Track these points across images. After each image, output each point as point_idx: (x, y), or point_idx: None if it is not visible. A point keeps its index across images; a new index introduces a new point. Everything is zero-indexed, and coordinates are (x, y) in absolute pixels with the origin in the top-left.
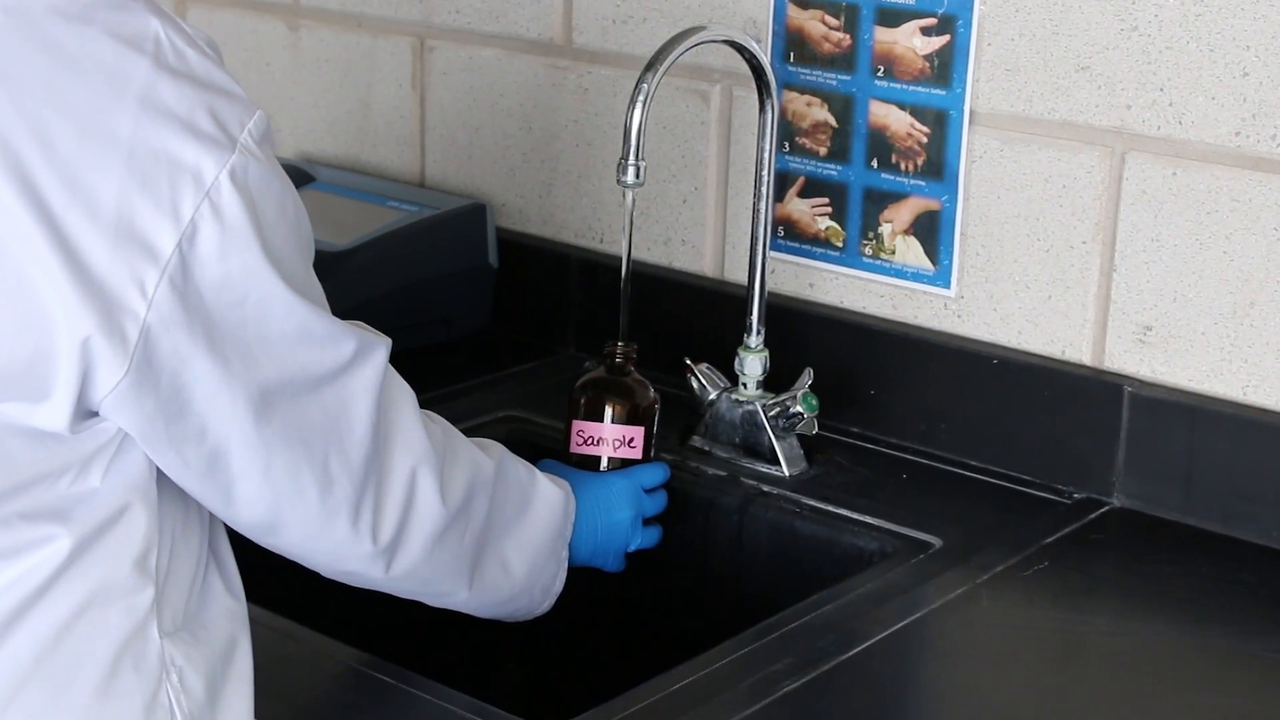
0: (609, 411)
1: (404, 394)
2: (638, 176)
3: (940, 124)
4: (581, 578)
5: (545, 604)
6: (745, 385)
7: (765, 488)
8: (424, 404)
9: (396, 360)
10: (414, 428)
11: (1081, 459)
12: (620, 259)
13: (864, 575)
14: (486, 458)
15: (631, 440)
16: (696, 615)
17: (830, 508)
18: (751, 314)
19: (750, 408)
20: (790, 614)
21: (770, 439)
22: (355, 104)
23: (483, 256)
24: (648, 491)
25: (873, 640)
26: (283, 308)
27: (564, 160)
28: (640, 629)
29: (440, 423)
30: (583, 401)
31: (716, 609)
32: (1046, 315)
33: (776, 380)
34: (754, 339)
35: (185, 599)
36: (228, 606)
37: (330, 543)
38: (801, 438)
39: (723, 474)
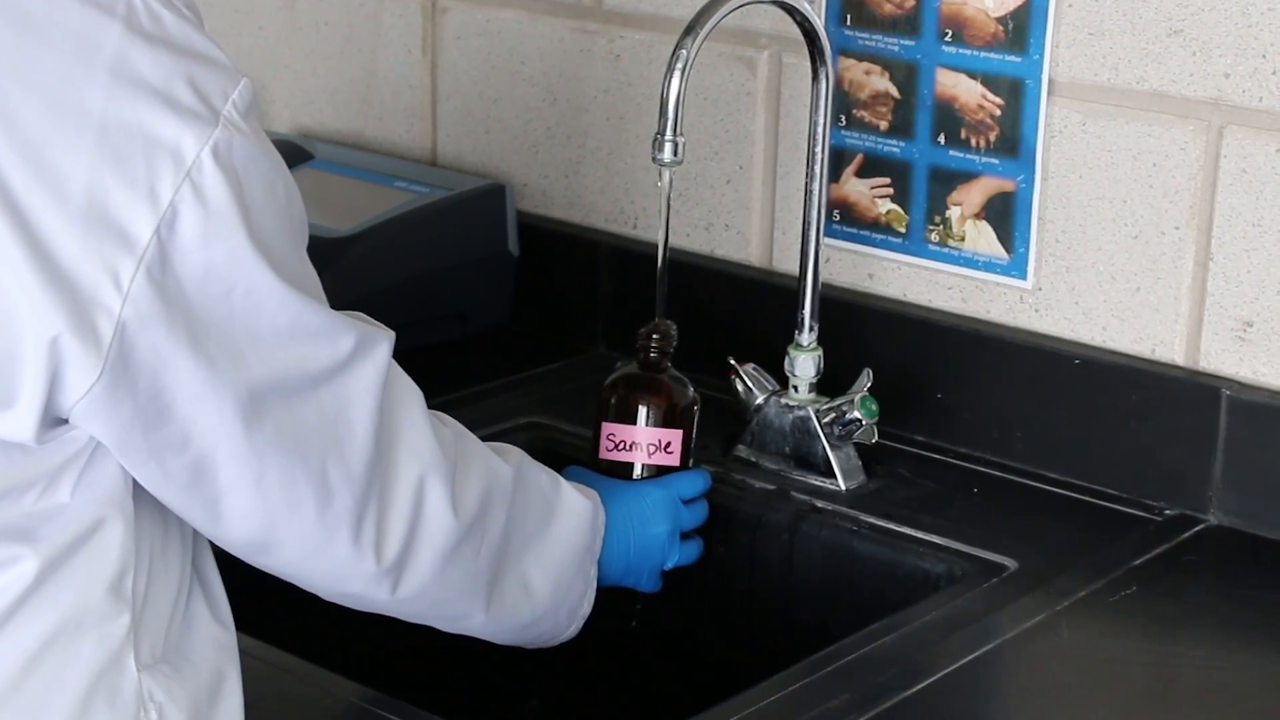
0: (643, 412)
1: (410, 393)
2: (675, 154)
3: (1015, 94)
4: (613, 601)
5: (572, 628)
6: (796, 388)
7: (819, 503)
8: (435, 408)
9: (404, 360)
10: (421, 431)
11: (1174, 471)
12: (656, 246)
13: (930, 601)
14: (504, 463)
15: (668, 445)
16: (741, 646)
17: (892, 525)
18: (803, 308)
19: (802, 414)
20: (847, 645)
21: (824, 448)
22: (358, 72)
23: (502, 244)
24: (686, 503)
25: (939, 675)
26: (274, 300)
27: (593, 136)
28: (678, 661)
29: (451, 425)
30: (613, 401)
31: (763, 639)
32: (1134, 310)
33: (831, 383)
34: (806, 336)
35: (166, 627)
36: (214, 635)
37: (329, 562)
38: (859, 447)
39: (771, 488)
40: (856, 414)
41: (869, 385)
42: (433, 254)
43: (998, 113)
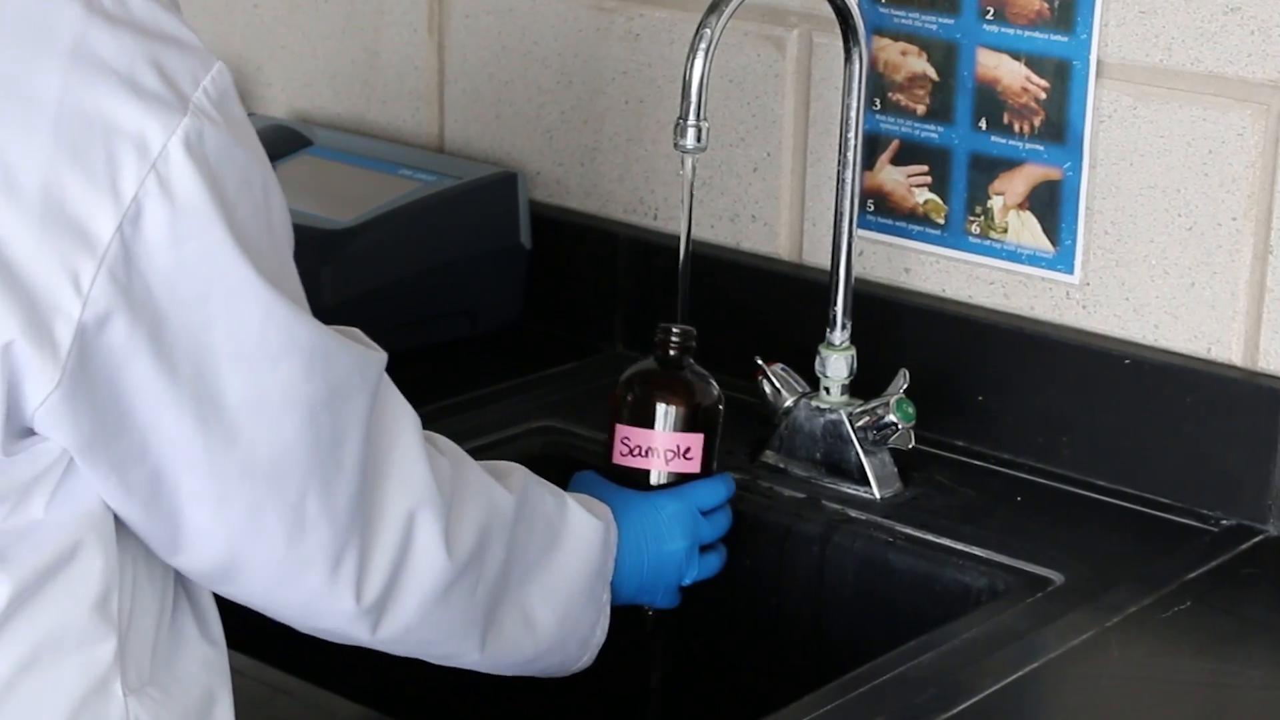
0: (661, 414)
1: (405, 419)
2: (699, 140)
3: (1061, 77)
4: (631, 619)
5: (584, 659)
6: (828, 390)
7: (852, 512)
8: (442, 413)
9: (408, 360)
10: (415, 461)
11: (1231, 478)
12: (678, 239)
13: (970, 617)
14: (505, 492)
15: (688, 451)
16: (769, 665)
17: (929, 536)
18: (835, 305)
19: (834, 417)
20: (882, 664)
21: (858, 454)
22: (360, 53)
23: (513, 236)
24: (706, 513)
25: (981, 696)
26: (259, 309)
27: (610, 121)
28: (702, 681)
29: (448, 451)
30: (629, 400)
31: (793, 657)
32: (1189, 306)
33: (865, 384)
34: (838, 335)
35: (152, 645)
36: (203, 654)
37: (301, 593)
38: (895, 453)
39: (801, 496)
40: (892, 418)
41: (905, 387)
42: (440, 247)
43: (1043, 96)
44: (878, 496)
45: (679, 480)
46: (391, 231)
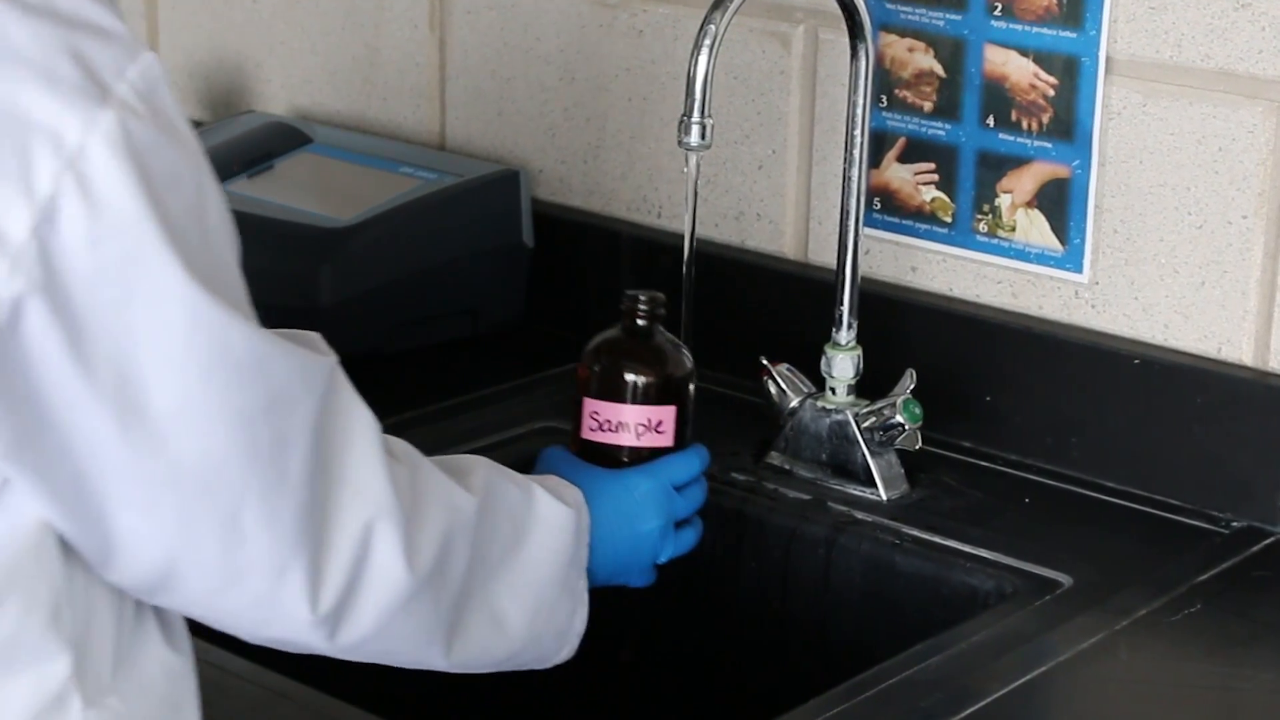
0: (630, 386)
1: (361, 427)
2: (703, 137)
3: (1070, 73)
4: (637, 622)
5: (564, 651)
6: (834, 390)
7: (858, 514)
8: (442, 414)
9: (411, 359)
10: (373, 471)
11: (1242, 480)
12: (682, 238)
13: (978, 620)
14: (466, 495)
15: (659, 424)
16: (774, 668)
17: (937, 539)
18: (841, 304)
19: (840, 418)
20: (889, 667)
21: (864, 455)
22: (361, 49)
23: (515, 234)
24: (680, 488)
25: (988, 700)
26: (185, 313)
27: (614, 118)
28: (707, 684)
29: (407, 458)
30: (596, 372)
31: (798, 660)
32: (1199, 305)
33: (872, 384)
34: (844, 334)
35: (112, 655)
36: (167, 662)
37: (242, 603)
38: (902, 454)
39: (806, 498)
40: (899, 418)
41: (912, 387)
42: (441, 245)
43: (1051, 93)
44: (884, 498)
45: (653, 455)
46: (392, 230)
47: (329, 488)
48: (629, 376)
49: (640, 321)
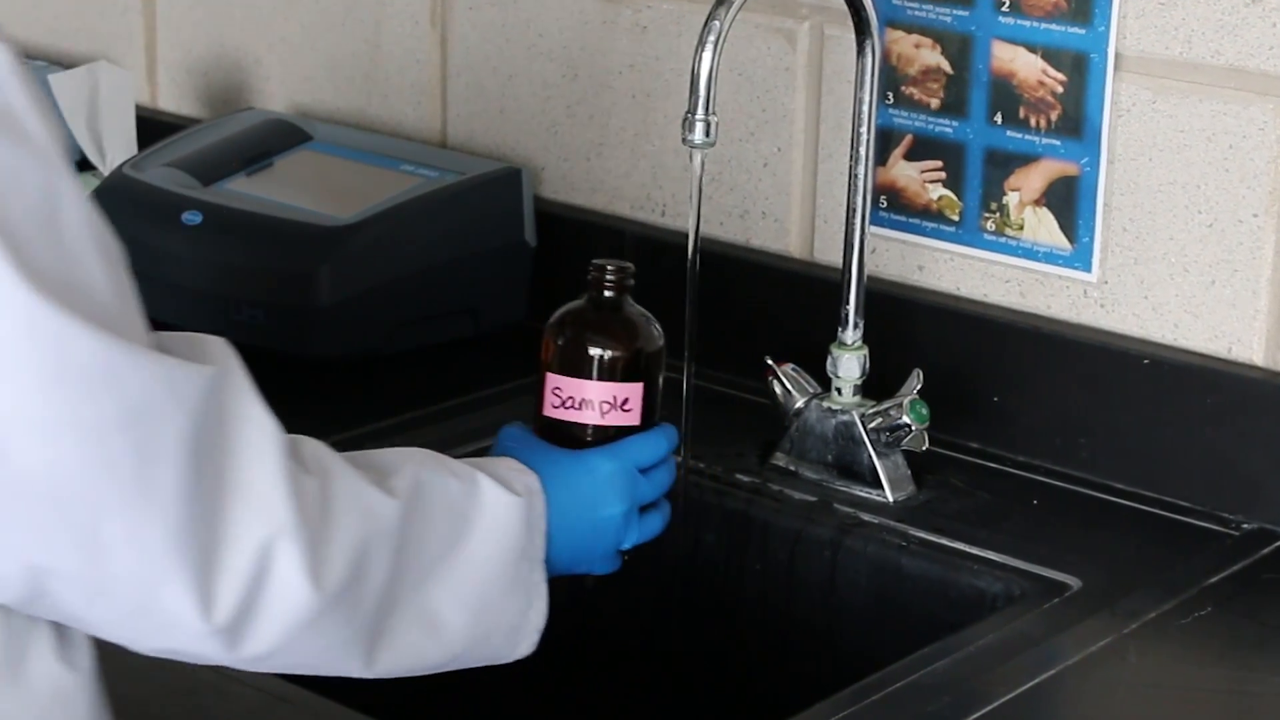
0: (595, 360)
1: (257, 437)
2: (708, 134)
3: (1079, 70)
4: (641, 625)
5: (521, 647)
6: (840, 391)
7: (864, 516)
8: (443, 415)
9: (411, 360)
10: (272, 485)
11: (1252, 481)
12: (686, 236)
13: (985, 624)
14: (387, 500)
15: (625, 402)
16: (779, 672)
17: (944, 541)
18: (847, 303)
19: (846, 418)
20: (895, 671)
21: (870, 456)
22: (361, 45)
23: (517, 233)
24: (645, 470)
25: (996, 703)
26: (20, 322)
27: (617, 115)
28: (712, 688)
29: (319, 467)
30: (560, 346)
31: (803, 664)
32: (1209, 305)
33: (878, 384)
34: (850, 334)
35: None
36: (55, 678)
37: (119, 611)
38: (908, 455)
39: (812, 499)
40: (905, 419)
41: (919, 387)
42: (442, 244)
43: (1060, 89)
44: (890, 500)
45: (619, 434)
46: (392, 228)
47: (219, 501)
48: (594, 350)
49: (608, 293)
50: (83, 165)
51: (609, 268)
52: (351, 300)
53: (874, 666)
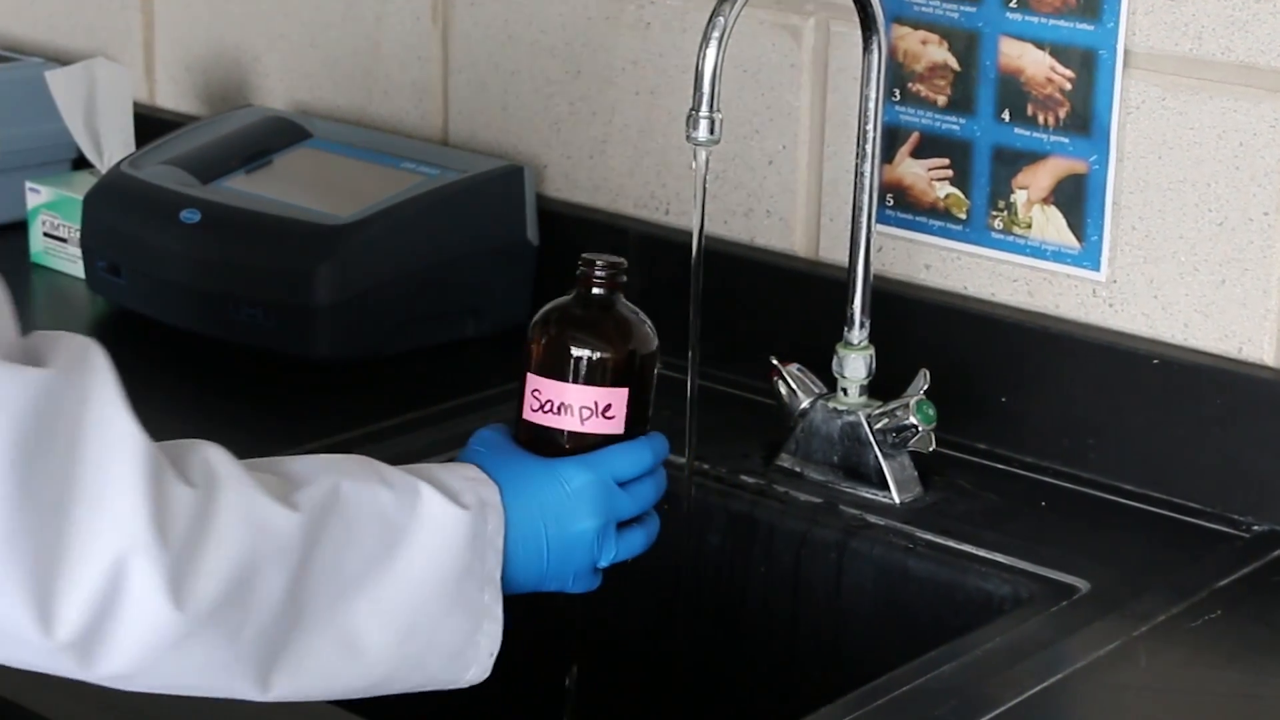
0: (575, 362)
1: (116, 448)
2: (712, 132)
3: (1088, 66)
4: (643, 629)
5: (470, 673)
6: (845, 391)
7: (870, 518)
8: (444, 416)
9: (412, 360)
10: (126, 498)
11: (1262, 482)
12: (690, 234)
13: (993, 627)
14: (286, 513)
15: (608, 408)
16: (784, 675)
17: (951, 543)
18: (853, 303)
19: (852, 419)
20: (901, 674)
21: (876, 457)
22: (361, 42)
23: (520, 232)
24: (626, 484)
25: (1003, 708)
26: None
27: (621, 112)
28: (716, 692)
29: (205, 477)
30: (543, 345)
31: (808, 668)
32: (1219, 304)
33: (884, 385)
34: (856, 334)
35: None
36: None
37: None
38: (915, 456)
39: (817, 501)
40: (912, 419)
41: (926, 388)
42: (443, 243)
43: (1068, 86)
44: (897, 501)
45: (602, 443)
46: (393, 227)
47: (62, 512)
48: (576, 351)
49: (596, 290)
50: (80, 163)
51: (599, 263)
52: (351, 300)
53: (880, 670)
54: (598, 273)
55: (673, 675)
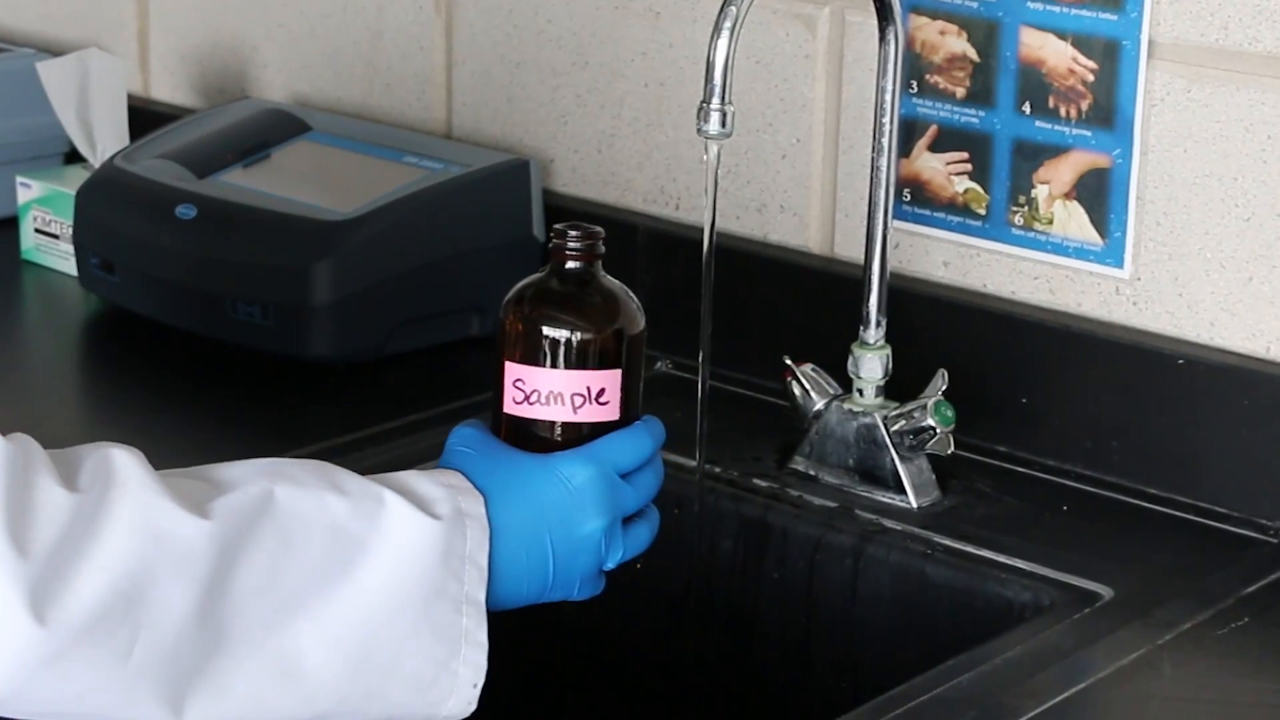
0: (562, 345)
1: None
2: (724, 125)
3: (1111, 57)
4: (654, 635)
5: (449, 705)
6: (861, 392)
7: (887, 523)
8: (447, 417)
9: (414, 359)
10: None
11: None
12: (701, 230)
13: (1013, 635)
14: (193, 520)
15: (601, 393)
16: (799, 684)
17: (970, 548)
18: (869, 301)
19: (868, 421)
20: (919, 684)
21: (893, 460)
22: (362, 32)
23: (525, 227)
24: (627, 476)
25: (1024, 718)
26: None
27: (629, 105)
28: (727, 701)
29: (94, 483)
30: (520, 329)
31: (823, 676)
32: (1246, 302)
33: (901, 386)
34: (872, 333)
35: None
36: None
37: None
38: (933, 459)
39: (833, 505)
40: (930, 421)
41: (944, 388)
42: (447, 239)
43: (1091, 78)
44: (914, 505)
45: (596, 432)
46: (395, 223)
47: None
48: (559, 333)
49: (572, 264)
50: (72, 157)
51: (572, 233)
52: (352, 297)
53: (897, 679)
54: (571, 244)
55: (684, 685)
